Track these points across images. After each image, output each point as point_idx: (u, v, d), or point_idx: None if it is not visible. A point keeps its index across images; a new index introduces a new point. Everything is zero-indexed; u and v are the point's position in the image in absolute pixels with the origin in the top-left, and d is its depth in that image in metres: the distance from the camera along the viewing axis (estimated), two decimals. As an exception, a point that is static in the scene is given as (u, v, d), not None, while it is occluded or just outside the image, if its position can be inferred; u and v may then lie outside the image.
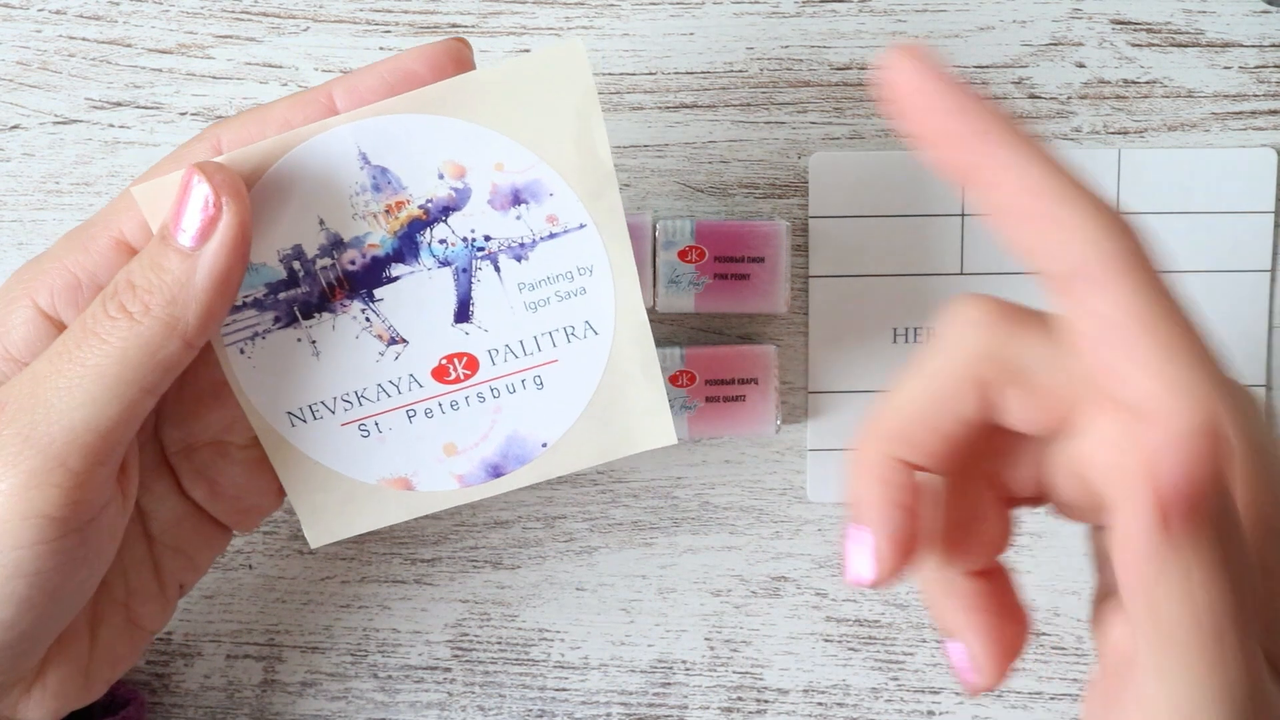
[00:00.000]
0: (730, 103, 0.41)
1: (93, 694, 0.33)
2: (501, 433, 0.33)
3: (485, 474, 0.33)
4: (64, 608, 0.30)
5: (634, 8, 0.41)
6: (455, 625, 0.43)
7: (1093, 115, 0.41)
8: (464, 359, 0.32)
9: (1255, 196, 0.41)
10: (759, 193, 0.41)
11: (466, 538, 0.43)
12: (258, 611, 0.43)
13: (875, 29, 0.41)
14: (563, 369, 0.32)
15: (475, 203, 0.31)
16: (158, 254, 0.29)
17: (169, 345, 0.29)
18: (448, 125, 0.30)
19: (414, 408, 0.32)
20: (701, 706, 0.43)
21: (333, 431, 0.32)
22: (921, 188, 0.41)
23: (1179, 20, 0.41)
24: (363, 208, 0.30)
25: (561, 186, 0.31)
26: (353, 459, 0.33)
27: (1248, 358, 0.42)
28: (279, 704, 0.43)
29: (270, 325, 0.31)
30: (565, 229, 0.31)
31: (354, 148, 0.30)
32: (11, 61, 0.41)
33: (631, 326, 0.32)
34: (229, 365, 0.32)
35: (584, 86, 0.30)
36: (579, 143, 0.30)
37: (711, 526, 0.43)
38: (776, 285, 0.40)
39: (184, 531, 0.34)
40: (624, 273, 0.31)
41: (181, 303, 0.29)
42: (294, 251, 0.31)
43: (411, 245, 0.31)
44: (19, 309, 0.31)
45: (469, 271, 0.31)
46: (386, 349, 0.32)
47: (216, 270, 0.29)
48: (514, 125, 0.30)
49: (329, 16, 0.41)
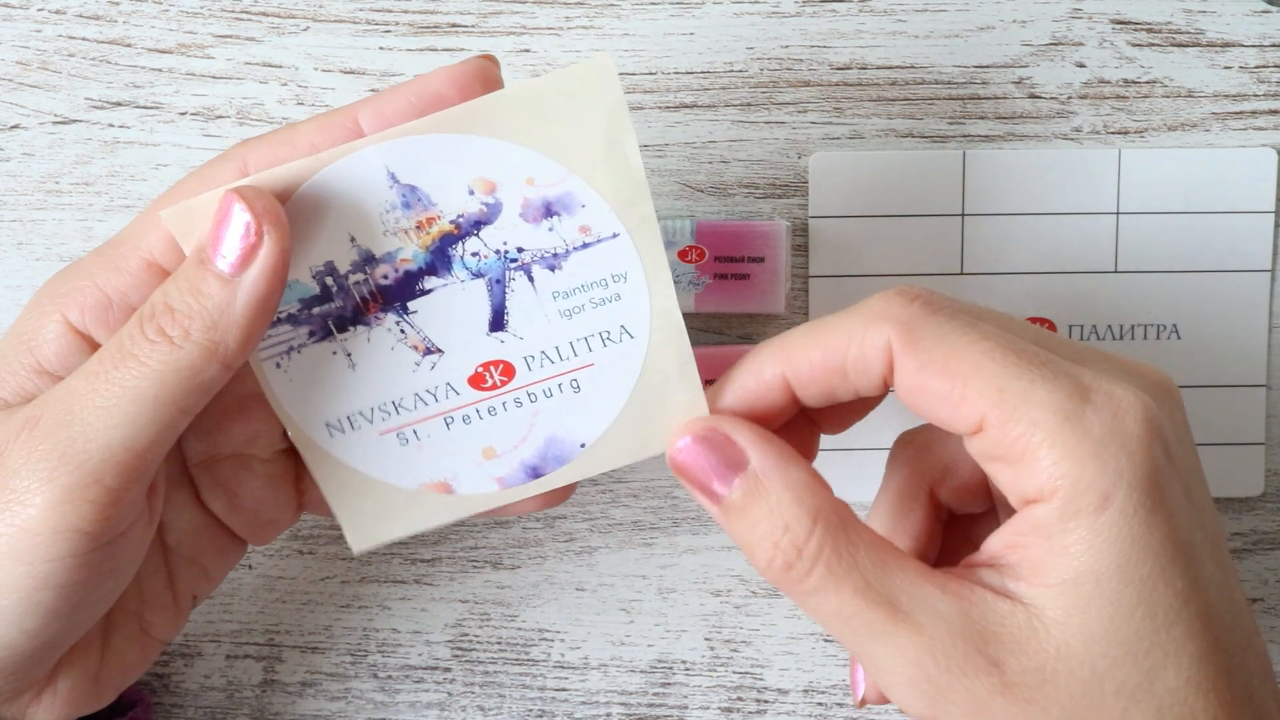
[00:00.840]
0: (730, 103, 0.41)
1: (102, 700, 0.34)
2: (540, 435, 0.33)
3: (525, 475, 0.33)
4: (86, 618, 0.31)
5: (634, 8, 0.41)
6: (455, 625, 0.43)
7: (1093, 115, 0.41)
8: (500, 366, 0.32)
9: (1255, 196, 0.41)
10: (759, 193, 0.41)
11: (466, 538, 0.43)
12: (258, 611, 0.43)
13: (875, 29, 0.41)
14: (599, 372, 0.32)
15: (507, 216, 0.31)
16: (196, 278, 0.29)
17: (209, 369, 0.29)
18: (476, 143, 0.30)
19: (451, 415, 0.32)
20: (701, 706, 0.43)
21: (371, 440, 0.32)
22: (921, 188, 0.41)
23: (1179, 20, 0.41)
24: (393, 224, 0.31)
25: (593, 198, 0.31)
26: (392, 466, 0.33)
27: (1248, 358, 0.42)
28: (279, 704, 0.43)
29: (305, 339, 0.31)
30: (598, 238, 0.31)
31: (382, 169, 0.30)
32: (11, 61, 0.41)
33: (667, 329, 0.32)
34: (265, 379, 0.32)
35: (614, 100, 0.30)
36: (610, 154, 0.30)
37: (711, 526, 0.43)
38: (776, 285, 0.40)
39: (200, 543, 0.34)
40: (658, 278, 0.31)
41: (223, 328, 0.29)
42: (326, 268, 0.31)
43: (444, 259, 0.31)
44: (50, 323, 0.31)
45: (502, 282, 0.31)
46: (422, 359, 0.32)
47: (257, 296, 0.29)
48: (543, 141, 0.30)
49: (329, 16, 0.41)
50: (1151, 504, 0.26)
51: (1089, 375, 0.27)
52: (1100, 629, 0.26)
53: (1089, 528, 0.26)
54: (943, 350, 0.28)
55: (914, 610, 0.27)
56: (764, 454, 0.30)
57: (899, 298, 0.29)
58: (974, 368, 0.27)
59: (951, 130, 0.41)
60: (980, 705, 0.27)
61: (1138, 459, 0.26)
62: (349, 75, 0.41)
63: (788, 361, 0.30)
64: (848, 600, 0.28)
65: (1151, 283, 0.41)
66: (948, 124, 0.41)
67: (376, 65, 0.41)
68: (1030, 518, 0.27)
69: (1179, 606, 0.27)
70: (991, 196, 0.41)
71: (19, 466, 0.29)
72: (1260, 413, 0.42)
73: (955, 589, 0.28)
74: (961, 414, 0.28)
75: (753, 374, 0.31)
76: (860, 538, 0.29)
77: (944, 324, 0.28)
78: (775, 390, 0.30)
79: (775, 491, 0.29)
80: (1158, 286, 0.41)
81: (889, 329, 0.28)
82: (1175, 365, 0.41)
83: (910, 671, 0.27)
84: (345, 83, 0.41)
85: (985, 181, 0.41)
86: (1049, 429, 0.27)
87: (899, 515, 0.34)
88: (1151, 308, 0.41)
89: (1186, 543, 0.27)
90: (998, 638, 0.27)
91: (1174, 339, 0.41)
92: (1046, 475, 0.27)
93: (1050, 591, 0.27)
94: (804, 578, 0.28)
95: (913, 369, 0.28)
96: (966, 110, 0.41)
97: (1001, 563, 0.28)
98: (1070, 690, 0.27)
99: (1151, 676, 0.26)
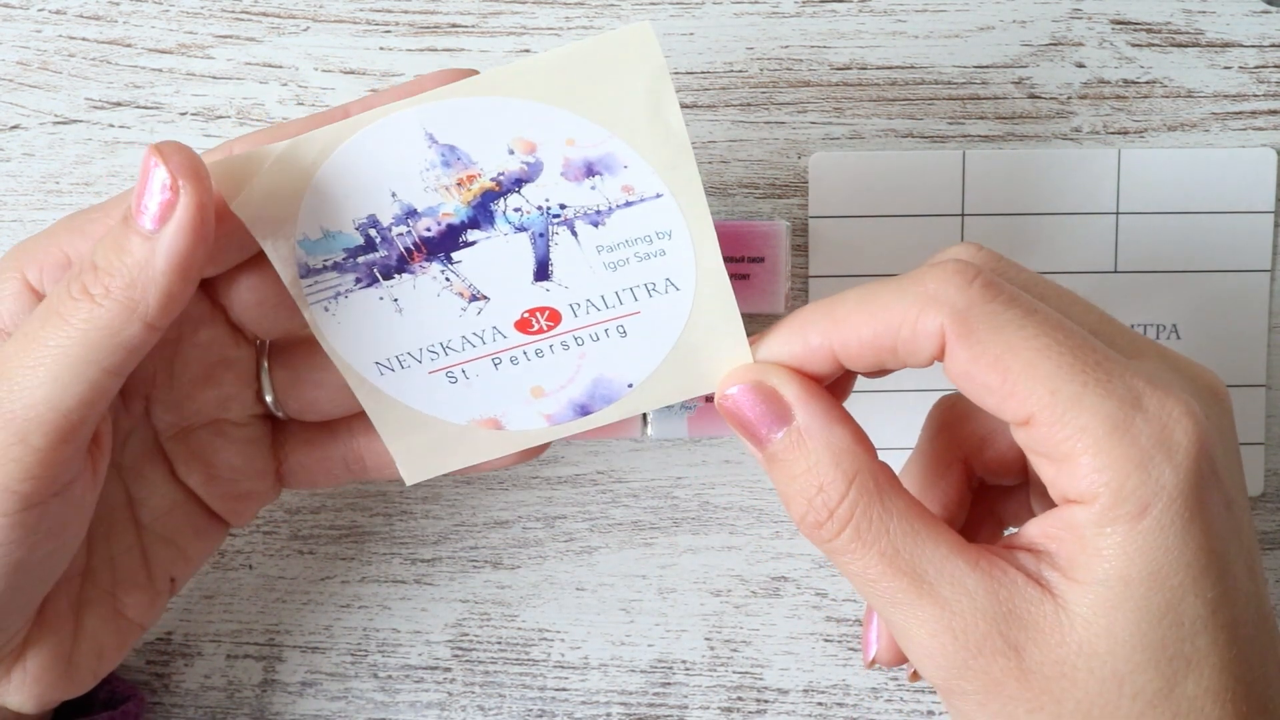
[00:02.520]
0: (730, 103, 0.41)
1: (78, 685, 0.33)
2: (588, 376, 0.33)
3: (573, 413, 0.34)
4: (30, 581, 0.30)
5: (634, 8, 0.41)
6: (455, 625, 0.43)
7: (1093, 115, 0.41)
8: (546, 312, 0.32)
9: (1255, 196, 0.41)
10: (759, 193, 0.41)
11: (466, 538, 0.43)
12: (258, 611, 0.43)
13: (875, 29, 0.41)
14: (645, 320, 0.32)
15: (548, 175, 0.31)
16: (120, 236, 0.29)
17: (129, 327, 0.29)
18: (514, 106, 0.30)
19: (499, 356, 0.33)
20: (701, 706, 0.43)
21: (421, 378, 0.33)
22: (921, 188, 0.41)
23: (1179, 20, 0.41)
24: (434, 181, 0.31)
25: (636, 159, 0.31)
26: (442, 402, 0.33)
27: (1248, 358, 0.42)
28: (279, 704, 0.43)
29: (351, 285, 0.32)
30: (641, 198, 0.31)
31: (419, 129, 0.30)
32: (11, 61, 0.41)
33: (713, 284, 0.32)
34: (314, 322, 0.32)
35: (655, 66, 0.30)
36: (652, 118, 0.30)
37: (711, 526, 0.43)
38: (776, 285, 0.40)
39: (175, 521, 0.34)
40: (704, 238, 0.32)
41: (141, 285, 0.29)
42: (369, 220, 0.31)
43: (486, 213, 0.31)
44: (8, 282, 0.31)
45: (546, 236, 0.32)
46: (468, 305, 0.32)
47: (175, 252, 0.28)
48: (584, 104, 0.30)
49: (329, 16, 0.41)
50: (1190, 515, 0.26)
51: (1141, 381, 0.27)
52: (1126, 632, 0.26)
53: (1125, 534, 0.26)
54: (997, 345, 0.27)
55: (939, 583, 0.28)
56: (809, 412, 0.30)
57: (957, 278, 0.28)
58: (1027, 365, 0.27)
59: (951, 130, 0.41)
60: (995, 685, 0.27)
61: (1182, 471, 0.26)
62: (349, 75, 0.41)
63: (836, 334, 0.30)
64: (873, 565, 0.28)
65: (1151, 283, 0.41)
66: (948, 124, 0.41)
67: (376, 65, 0.41)
68: (1068, 516, 0.27)
69: (1206, 617, 0.27)
70: (991, 196, 0.41)
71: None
72: (1260, 413, 0.42)
73: (987, 567, 0.28)
74: (1010, 407, 0.27)
75: (799, 340, 0.30)
76: (894, 505, 0.29)
77: (1000, 313, 0.28)
78: (820, 358, 0.30)
79: (815, 450, 0.29)
80: (1158, 286, 0.41)
81: (943, 315, 0.28)
82: (1175, 365, 0.42)
83: (928, 643, 0.28)
84: (345, 83, 0.41)
85: (985, 181, 0.41)
86: (1097, 436, 0.26)
87: (931, 481, 0.34)
88: (1151, 308, 0.41)
89: (1221, 554, 0.27)
90: (1021, 622, 0.27)
91: (1174, 339, 0.41)
92: (1089, 482, 0.27)
93: (1080, 588, 0.27)
94: (832, 538, 0.29)
95: (965, 359, 0.28)
96: (966, 110, 0.41)
97: (1040, 549, 0.28)
98: (1088, 688, 0.27)
99: (1171, 684, 0.27)
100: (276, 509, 0.43)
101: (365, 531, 0.43)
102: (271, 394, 0.35)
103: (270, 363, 0.35)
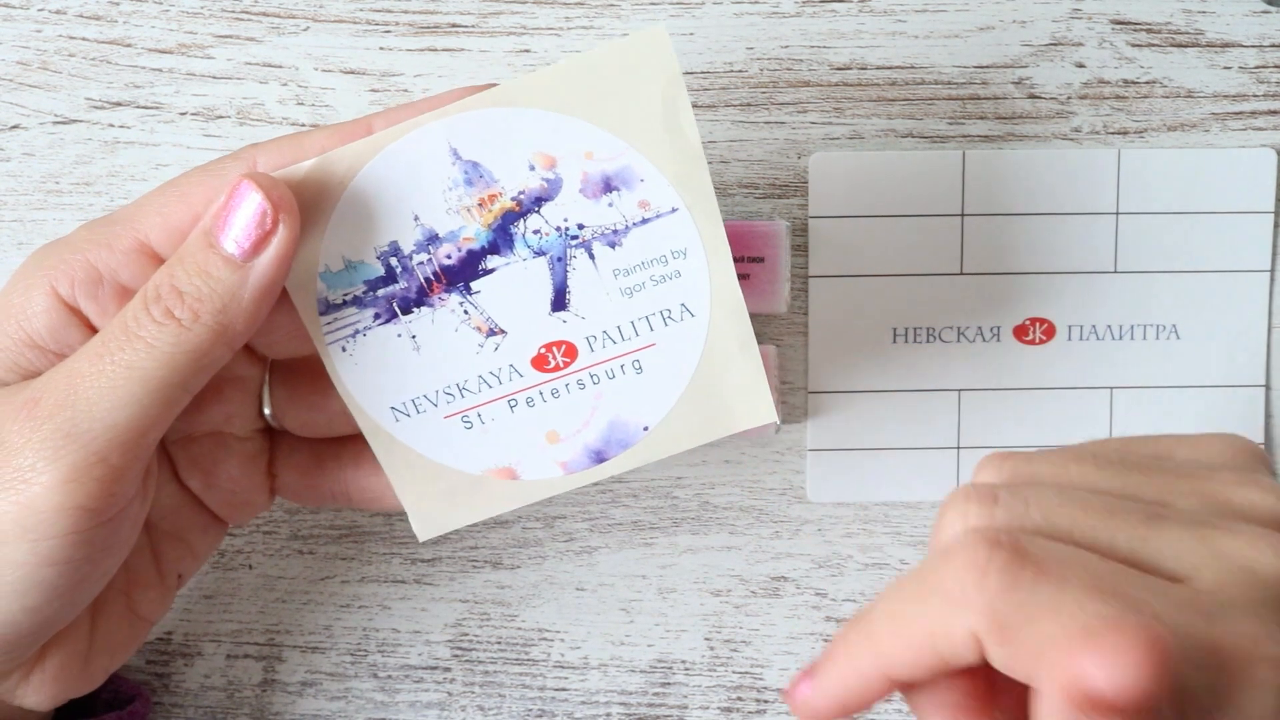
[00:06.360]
0: (730, 103, 0.41)
1: (91, 682, 0.34)
2: (603, 418, 0.33)
3: (589, 460, 0.33)
4: (84, 595, 0.31)
5: (634, 8, 0.41)
6: (455, 625, 0.43)
7: (1093, 115, 0.41)
8: (563, 347, 0.32)
9: (1255, 196, 0.41)
10: (759, 193, 0.41)
11: (466, 538, 0.43)
12: (258, 611, 0.43)
13: (875, 29, 0.41)
14: (661, 352, 0.32)
15: (567, 192, 0.31)
16: (205, 261, 0.30)
17: (216, 351, 0.30)
18: (536, 117, 0.30)
19: (515, 397, 0.33)
20: (701, 706, 0.43)
21: (436, 424, 0.33)
22: (921, 188, 0.41)
23: (1179, 20, 0.41)
24: (456, 202, 0.31)
25: (652, 172, 0.31)
26: (457, 451, 0.33)
27: (1247, 358, 0.42)
28: (279, 704, 0.43)
29: (370, 322, 0.32)
30: (658, 213, 0.31)
31: (445, 144, 0.30)
32: (11, 61, 0.41)
33: (727, 306, 0.32)
34: (331, 364, 0.32)
35: (670, 71, 0.30)
36: (667, 127, 0.30)
37: (711, 526, 0.43)
38: (776, 285, 0.40)
39: (181, 519, 0.35)
40: (717, 253, 0.32)
41: (232, 313, 0.29)
42: (391, 248, 0.31)
43: (506, 237, 0.31)
44: (39, 295, 0.31)
45: (564, 260, 0.32)
46: (486, 340, 0.32)
47: (267, 282, 0.30)
48: (601, 114, 0.30)
49: (329, 16, 0.41)
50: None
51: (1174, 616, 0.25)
52: None
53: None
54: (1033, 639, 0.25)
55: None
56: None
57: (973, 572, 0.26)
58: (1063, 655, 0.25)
59: (951, 130, 0.41)
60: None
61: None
62: (349, 75, 0.41)
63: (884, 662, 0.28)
64: None
65: (1151, 283, 0.41)
66: (947, 124, 0.41)
67: (377, 65, 0.41)
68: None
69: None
70: (991, 196, 0.41)
71: (20, 446, 0.29)
72: (1259, 413, 0.42)
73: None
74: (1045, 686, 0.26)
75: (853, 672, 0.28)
76: None
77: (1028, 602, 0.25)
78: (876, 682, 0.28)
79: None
80: (1157, 286, 0.41)
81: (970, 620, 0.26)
82: (1175, 365, 0.42)
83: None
84: (345, 83, 0.41)
85: (985, 181, 0.41)
86: None
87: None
88: (1151, 308, 0.41)
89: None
90: None
91: (1173, 339, 0.42)
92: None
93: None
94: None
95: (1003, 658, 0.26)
96: (966, 110, 0.41)
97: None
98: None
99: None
100: (277, 509, 0.43)
101: (365, 531, 0.43)
102: (270, 408, 0.35)
103: (272, 378, 0.35)
